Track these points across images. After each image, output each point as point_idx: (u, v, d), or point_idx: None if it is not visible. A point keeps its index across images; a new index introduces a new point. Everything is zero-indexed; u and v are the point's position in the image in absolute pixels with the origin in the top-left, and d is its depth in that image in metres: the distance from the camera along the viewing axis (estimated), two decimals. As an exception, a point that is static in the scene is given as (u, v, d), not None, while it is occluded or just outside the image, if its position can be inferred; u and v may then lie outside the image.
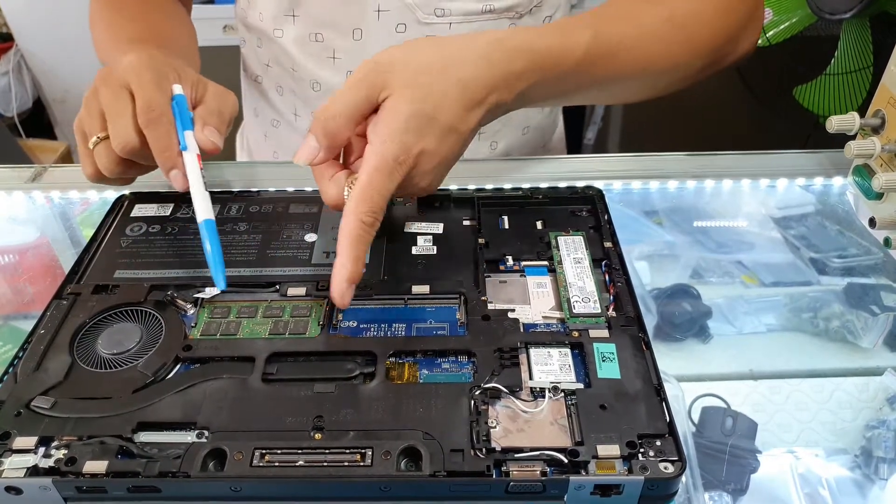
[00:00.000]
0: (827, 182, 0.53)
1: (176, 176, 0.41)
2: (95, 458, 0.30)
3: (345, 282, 0.35)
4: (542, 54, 0.42)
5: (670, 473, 0.29)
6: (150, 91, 0.42)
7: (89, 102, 0.43)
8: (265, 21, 0.60)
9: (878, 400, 0.44)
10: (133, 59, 0.43)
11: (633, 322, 0.36)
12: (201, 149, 0.42)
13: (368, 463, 0.30)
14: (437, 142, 0.38)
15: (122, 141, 0.41)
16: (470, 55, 0.40)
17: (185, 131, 0.42)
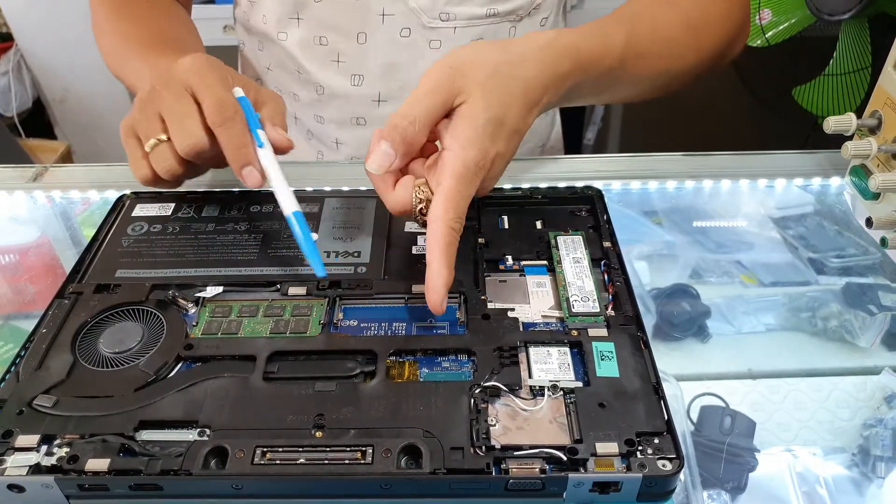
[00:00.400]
0: (825, 182, 0.53)
1: (250, 172, 0.41)
2: (97, 456, 0.30)
3: (442, 288, 0.35)
4: (585, 55, 0.43)
5: (668, 471, 0.29)
6: (220, 91, 0.41)
7: (146, 107, 0.42)
8: (269, 24, 0.60)
9: (875, 399, 0.45)
10: (191, 61, 0.43)
11: (632, 321, 0.37)
12: (275, 146, 0.42)
13: (369, 461, 0.30)
14: (506, 144, 0.39)
15: (192, 141, 0.40)
16: (529, 56, 0.41)
17: (258, 129, 0.42)
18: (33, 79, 1.58)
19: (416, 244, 0.43)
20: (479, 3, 0.56)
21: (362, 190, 0.49)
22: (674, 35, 0.50)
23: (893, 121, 0.43)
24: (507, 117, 0.39)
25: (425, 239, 0.36)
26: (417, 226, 0.44)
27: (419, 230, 0.44)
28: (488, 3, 0.57)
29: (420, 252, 0.42)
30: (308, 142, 0.65)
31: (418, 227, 0.44)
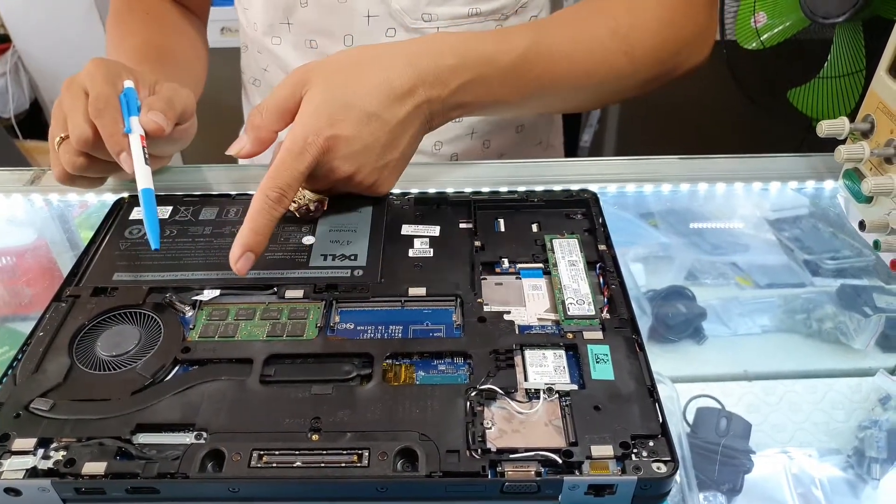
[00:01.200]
0: (819, 185, 0.54)
1: (125, 159, 0.43)
2: (94, 459, 0.31)
3: (238, 248, 0.38)
4: (476, 52, 0.44)
5: (663, 473, 0.29)
6: (99, 86, 0.44)
7: (56, 111, 0.46)
8: (259, 31, 0.61)
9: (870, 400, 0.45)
10: (90, 63, 0.47)
11: (627, 324, 0.37)
12: (146, 130, 0.45)
13: (365, 464, 0.30)
14: (355, 127, 0.41)
15: (77, 134, 0.43)
16: (392, 50, 0.43)
17: (130, 117, 0.45)
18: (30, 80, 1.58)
19: (412, 247, 0.43)
20: (461, 2, 0.56)
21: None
22: (595, 41, 0.49)
23: (885, 125, 0.44)
24: (358, 101, 0.41)
25: None
26: (414, 229, 0.45)
27: (416, 233, 0.44)
28: (470, 2, 0.57)
29: (417, 255, 0.42)
30: None
31: (416, 230, 0.45)
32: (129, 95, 0.46)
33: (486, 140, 0.64)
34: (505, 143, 0.66)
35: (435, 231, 0.44)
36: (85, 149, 0.44)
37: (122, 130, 0.44)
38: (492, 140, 0.65)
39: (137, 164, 0.43)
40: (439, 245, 0.43)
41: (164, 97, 0.47)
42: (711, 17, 0.54)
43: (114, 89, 0.45)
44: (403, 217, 0.45)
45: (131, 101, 0.45)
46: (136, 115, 0.45)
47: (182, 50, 0.60)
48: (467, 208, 0.46)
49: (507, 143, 0.66)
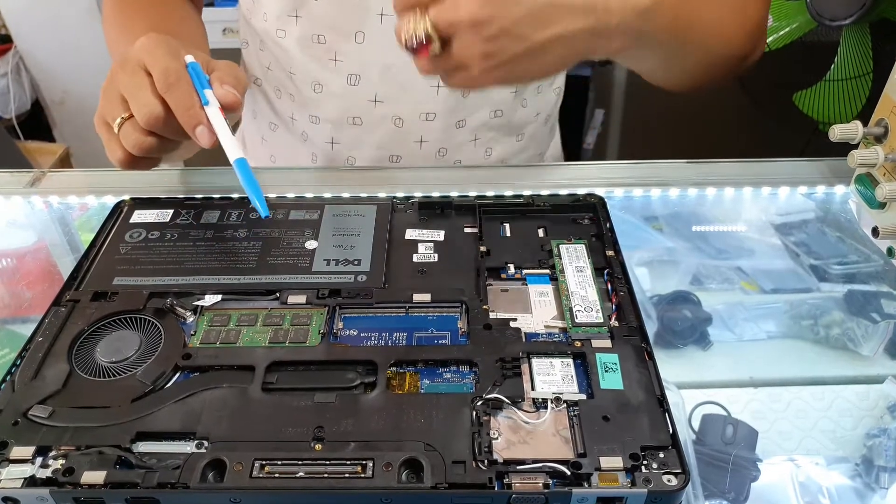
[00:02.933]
0: (829, 190, 0.53)
1: (202, 132, 0.42)
2: (93, 468, 0.30)
3: None
4: None
5: (674, 486, 0.29)
6: (164, 61, 0.43)
7: (107, 91, 0.44)
8: (269, 21, 0.60)
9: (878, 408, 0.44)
10: (143, 40, 0.45)
11: (636, 332, 0.36)
12: (222, 103, 0.44)
13: (369, 475, 0.30)
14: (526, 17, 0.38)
15: (147, 112, 0.42)
16: None
17: (205, 89, 0.43)
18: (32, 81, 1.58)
19: (417, 252, 0.43)
20: None
21: (362, 196, 0.48)
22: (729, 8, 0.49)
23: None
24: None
25: None
26: (418, 233, 0.44)
27: (420, 238, 0.44)
28: None
29: (421, 260, 0.42)
30: (303, 144, 0.65)
31: (420, 235, 0.44)
32: (196, 69, 0.44)
33: (489, 148, 0.64)
34: (506, 151, 0.65)
35: (439, 236, 0.44)
36: (155, 127, 0.43)
37: (197, 103, 0.42)
38: (493, 148, 0.64)
39: (224, 135, 0.42)
40: (444, 250, 0.43)
41: (230, 73, 0.46)
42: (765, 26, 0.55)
43: (180, 63, 0.44)
44: (407, 221, 0.45)
45: (200, 74, 0.44)
46: (208, 87, 0.44)
47: (190, 36, 0.60)
48: (472, 213, 0.46)
49: (509, 152, 0.66)
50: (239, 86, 0.45)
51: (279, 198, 0.48)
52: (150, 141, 0.43)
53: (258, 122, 0.69)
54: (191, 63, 0.44)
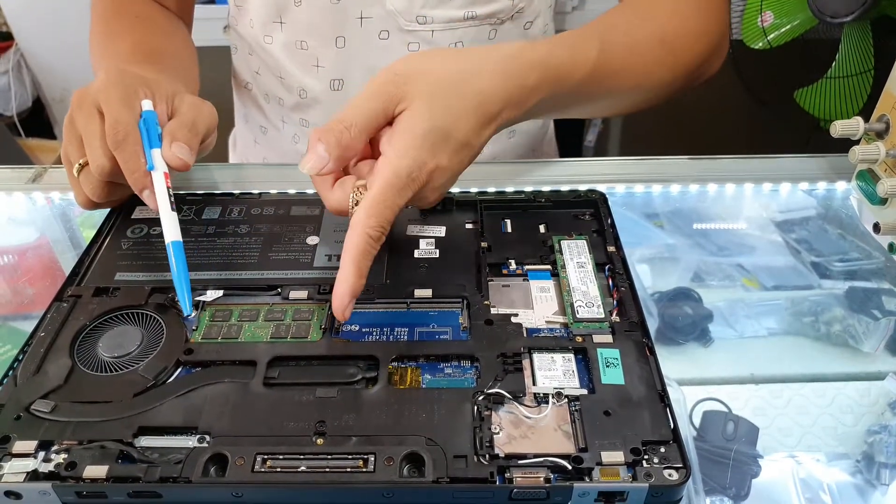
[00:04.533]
0: (830, 186, 0.53)
1: (148, 196, 0.41)
2: (96, 462, 0.30)
3: (347, 296, 0.34)
4: (554, 69, 0.42)
5: (675, 481, 0.29)
6: (116, 110, 0.41)
7: (68, 129, 0.43)
8: (255, 28, 0.60)
9: (879, 405, 0.44)
10: (102, 77, 0.43)
11: (637, 327, 0.36)
12: (169, 165, 0.42)
13: (371, 469, 0.30)
14: (450, 157, 0.37)
15: (97, 164, 0.41)
16: (487, 68, 0.39)
17: (153, 149, 0.41)
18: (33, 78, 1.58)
19: (418, 248, 0.43)
20: (457, 5, 0.56)
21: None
22: (647, 50, 0.48)
23: (900, 125, 0.43)
24: (455, 129, 0.37)
25: None
26: (420, 229, 0.44)
27: (421, 234, 0.44)
28: (466, 5, 0.56)
29: (422, 256, 0.42)
30: (294, 145, 0.65)
31: (421, 231, 0.44)
32: (148, 122, 0.42)
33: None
34: (497, 149, 0.65)
35: (441, 231, 0.44)
36: (106, 178, 0.42)
37: (143, 166, 0.41)
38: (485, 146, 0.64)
39: (163, 211, 0.40)
40: (445, 246, 0.43)
41: (187, 122, 0.43)
42: (728, 22, 0.54)
43: (132, 113, 0.42)
44: (408, 217, 0.45)
45: (151, 128, 0.42)
46: (157, 146, 0.41)
47: (175, 50, 0.59)
48: (473, 208, 0.46)
49: (500, 150, 0.66)
50: (194, 136, 0.43)
51: (280, 193, 0.48)
52: (106, 189, 0.43)
53: (250, 125, 0.69)
54: (145, 112, 0.42)
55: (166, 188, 0.41)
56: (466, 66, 0.39)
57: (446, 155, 0.37)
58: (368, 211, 0.35)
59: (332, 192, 0.38)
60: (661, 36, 0.49)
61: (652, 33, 0.49)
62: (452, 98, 0.37)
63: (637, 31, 0.49)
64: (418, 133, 0.36)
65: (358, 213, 0.35)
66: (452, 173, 0.39)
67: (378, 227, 0.35)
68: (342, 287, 0.34)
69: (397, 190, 0.35)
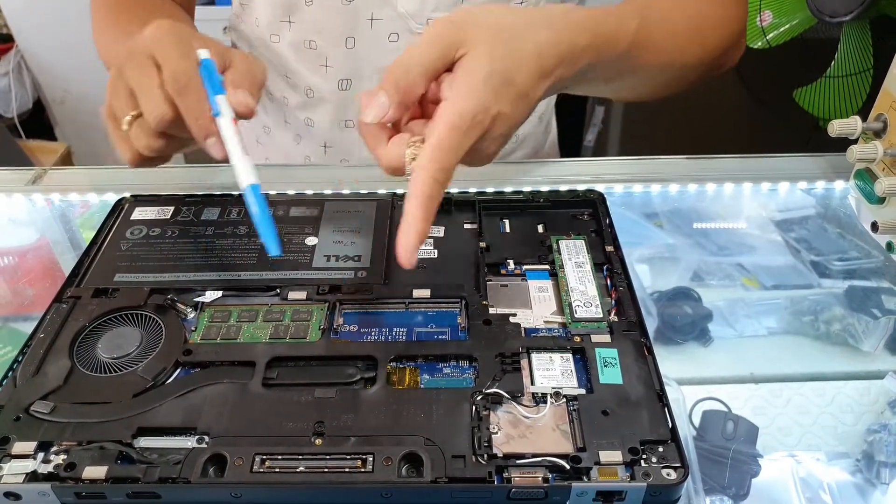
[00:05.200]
0: (829, 185, 0.53)
1: (213, 144, 0.39)
2: (95, 463, 0.30)
3: (415, 239, 0.33)
4: (602, 35, 0.41)
5: (673, 480, 0.29)
6: (175, 58, 0.39)
7: (115, 84, 0.41)
8: (261, 27, 0.60)
9: (879, 404, 0.44)
10: (153, 28, 0.41)
11: (635, 327, 0.36)
12: (235, 112, 0.40)
13: (369, 469, 0.30)
14: (512, 106, 0.36)
15: (157, 114, 0.39)
16: (542, 22, 0.38)
17: (217, 96, 0.40)
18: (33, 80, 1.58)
19: (416, 248, 0.43)
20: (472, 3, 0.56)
21: (363, 193, 0.48)
22: (679, 28, 0.49)
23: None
24: (516, 76, 0.36)
25: None
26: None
27: (420, 234, 0.44)
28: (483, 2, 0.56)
29: (421, 256, 0.42)
30: (297, 146, 0.65)
31: (419, 231, 0.44)
32: (209, 69, 0.40)
33: None
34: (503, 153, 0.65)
35: (439, 232, 0.44)
36: (169, 129, 0.40)
37: (208, 112, 0.39)
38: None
39: (235, 155, 0.38)
40: (444, 246, 0.43)
41: (246, 72, 0.42)
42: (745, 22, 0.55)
43: (190, 61, 0.40)
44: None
45: (213, 76, 0.40)
46: (221, 92, 0.40)
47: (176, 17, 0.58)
48: (472, 209, 0.46)
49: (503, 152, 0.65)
50: (254, 86, 0.42)
51: (280, 194, 0.48)
52: (161, 143, 0.41)
53: (252, 124, 0.69)
54: (204, 61, 0.41)
55: (236, 133, 0.39)
56: (521, 19, 0.38)
57: (508, 101, 0.36)
58: (432, 155, 0.34)
59: (386, 149, 0.36)
60: (692, 14, 0.50)
61: (681, 13, 0.50)
62: (513, 43, 0.36)
63: (669, 11, 0.49)
64: (481, 76, 0.35)
65: (420, 158, 0.34)
66: (513, 123, 0.37)
67: (442, 171, 0.34)
68: (409, 231, 0.33)
69: (462, 132, 0.34)
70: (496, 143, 0.37)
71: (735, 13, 0.54)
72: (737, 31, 0.54)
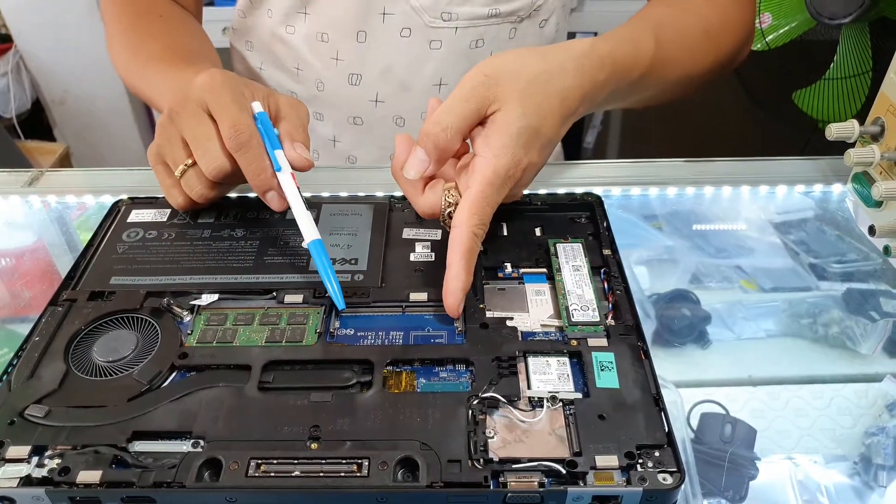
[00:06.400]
0: (827, 189, 0.53)
1: (273, 198, 0.41)
2: (89, 467, 0.30)
3: (460, 292, 0.36)
4: (621, 64, 0.43)
5: (669, 485, 0.29)
6: (234, 112, 0.40)
7: (167, 129, 0.42)
8: (274, 17, 0.60)
9: (877, 406, 0.44)
10: (206, 78, 0.42)
11: (632, 331, 0.36)
12: (294, 167, 0.41)
13: (365, 473, 0.30)
14: (539, 154, 0.39)
15: (215, 167, 0.40)
16: (568, 66, 0.40)
17: (276, 150, 0.41)
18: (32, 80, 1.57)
19: (414, 251, 0.43)
20: (482, 3, 0.56)
21: (360, 196, 0.48)
22: (695, 42, 0.51)
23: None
24: (544, 127, 0.38)
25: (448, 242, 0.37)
26: (416, 232, 0.44)
27: (418, 237, 0.44)
28: (491, 3, 0.57)
29: (418, 259, 0.42)
30: None
31: (417, 234, 0.44)
32: (265, 123, 0.41)
33: None
34: None
35: (437, 235, 0.44)
36: (224, 180, 0.41)
37: (269, 168, 0.40)
38: None
39: (298, 211, 0.39)
40: (441, 249, 0.43)
41: (299, 124, 0.44)
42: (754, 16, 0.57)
43: (248, 115, 0.41)
44: (404, 220, 0.45)
45: (269, 129, 0.41)
46: (278, 146, 0.41)
47: (204, 50, 0.58)
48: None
49: None
50: (307, 139, 0.44)
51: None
52: (216, 193, 0.43)
53: None
54: (259, 115, 0.42)
55: (297, 188, 0.40)
56: (550, 66, 0.40)
57: (536, 151, 0.39)
58: (471, 209, 0.36)
59: (423, 197, 0.39)
60: (706, 27, 0.51)
61: (697, 25, 0.51)
62: (540, 97, 0.39)
63: (684, 25, 0.50)
64: (513, 132, 0.37)
65: (460, 212, 0.37)
66: (539, 167, 0.40)
67: (481, 225, 0.37)
68: (454, 284, 0.36)
69: (496, 188, 0.37)
70: (524, 186, 0.41)
71: (747, 16, 0.54)
72: (748, 32, 0.55)
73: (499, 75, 0.38)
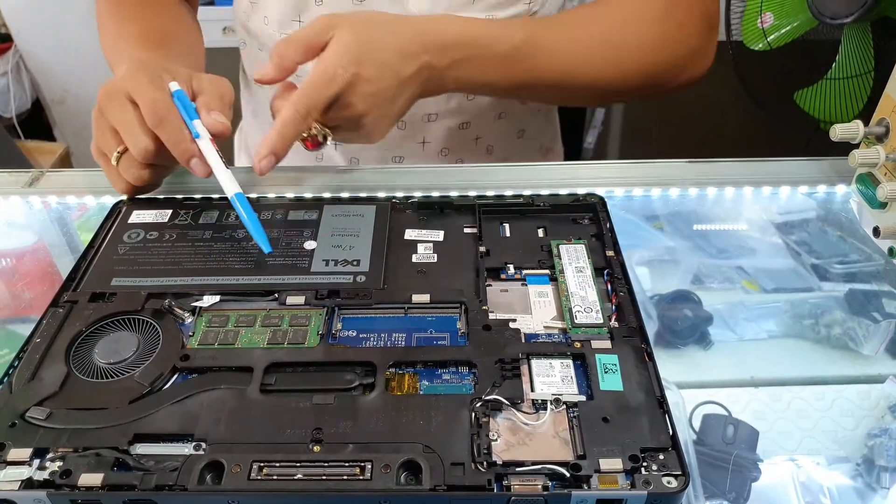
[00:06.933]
0: (830, 189, 0.53)
1: (196, 164, 0.43)
2: (91, 470, 0.30)
3: (265, 148, 0.42)
4: (473, 35, 0.48)
5: (673, 488, 0.29)
6: (150, 93, 0.43)
7: (99, 122, 0.45)
8: (270, 25, 0.60)
9: (879, 408, 0.44)
10: (125, 69, 0.46)
11: (636, 333, 0.36)
12: (212, 132, 0.44)
13: (368, 476, 0.30)
14: (375, 71, 0.43)
15: (141, 148, 0.43)
16: (403, 21, 0.47)
17: (193, 120, 0.44)
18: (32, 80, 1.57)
19: (416, 252, 0.42)
20: (479, 9, 0.56)
21: (362, 197, 0.48)
22: (585, 47, 0.51)
23: (900, 128, 0.43)
24: (375, 50, 0.43)
25: None
26: (418, 234, 0.44)
27: (420, 238, 0.44)
28: (488, 9, 0.56)
29: (420, 260, 0.42)
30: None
31: (419, 235, 0.44)
32: (181, 98, 0.44)
33: (490, 146, 0.64)
34: (507, 147, 0.65)
35: (439, 236, 0.44)
36: (149, 161, 0.44)
37: (188, 137, 0.43)
38: (495, 145, 0.64)
39: (219, 170, 0.43)
40: (443, 250, 0.42)
41: (216, 95, 0.46)
42: (709, 39, 0.55)
43: (165, 93, 0.44)
44: (407, 221, 0.45)
45: (186, 103, 0.44)
46: (196, 117, 0.44)
47: (183, 34, 0.60)
48: (472, 212, 0.45)
49: (510, 149, 0.66)
50: (225, 106, 0.46)
51: (278, 198, 0.48)
52: (149, 172, 0.45)
53: (259, 121, 0.69)
54: (176, 92, 0.44)
55: (216, 150, 0.44)
56: (384, 16, 0.46)
57: (369, 67, 0.43)
58: (299, 93, 0.43)
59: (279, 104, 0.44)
60: (606, 37, 0.52)
61: (596, 31, 0.52)
62: (374, 29, 0.45)
63: (578, 27, 0.52)
64: (341, 43, 0.43)
65: (292, 96, 0.43)
66: (378, 89, 0.44)
67: (304, 105, 0.42)
68: (263, 143, 0.42)
69: (325, 81, 0.43)
70: (366, 102, 0.44)
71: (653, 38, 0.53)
72: (679, 55, 0.53)
73: (343, 15, 0.45)
